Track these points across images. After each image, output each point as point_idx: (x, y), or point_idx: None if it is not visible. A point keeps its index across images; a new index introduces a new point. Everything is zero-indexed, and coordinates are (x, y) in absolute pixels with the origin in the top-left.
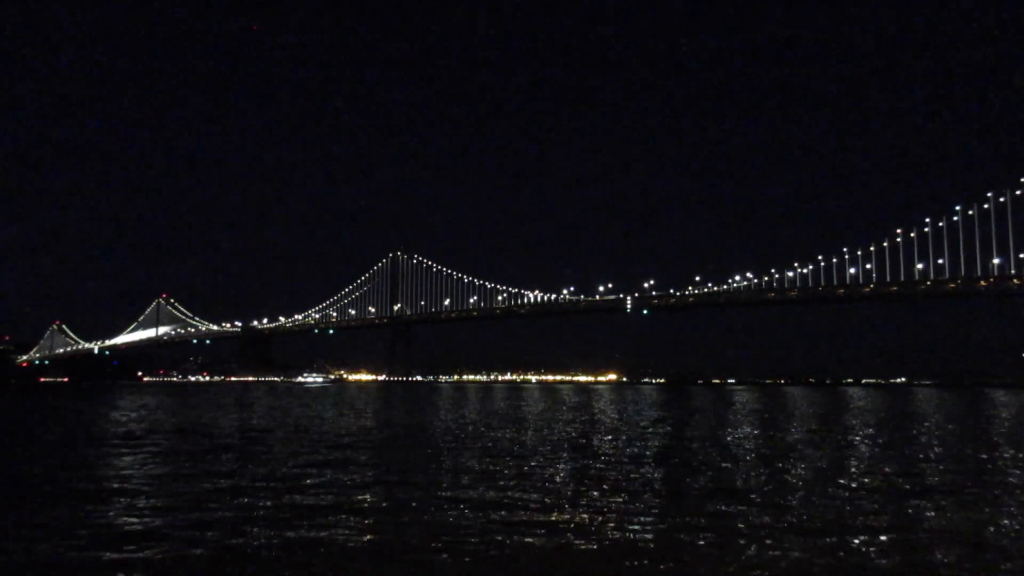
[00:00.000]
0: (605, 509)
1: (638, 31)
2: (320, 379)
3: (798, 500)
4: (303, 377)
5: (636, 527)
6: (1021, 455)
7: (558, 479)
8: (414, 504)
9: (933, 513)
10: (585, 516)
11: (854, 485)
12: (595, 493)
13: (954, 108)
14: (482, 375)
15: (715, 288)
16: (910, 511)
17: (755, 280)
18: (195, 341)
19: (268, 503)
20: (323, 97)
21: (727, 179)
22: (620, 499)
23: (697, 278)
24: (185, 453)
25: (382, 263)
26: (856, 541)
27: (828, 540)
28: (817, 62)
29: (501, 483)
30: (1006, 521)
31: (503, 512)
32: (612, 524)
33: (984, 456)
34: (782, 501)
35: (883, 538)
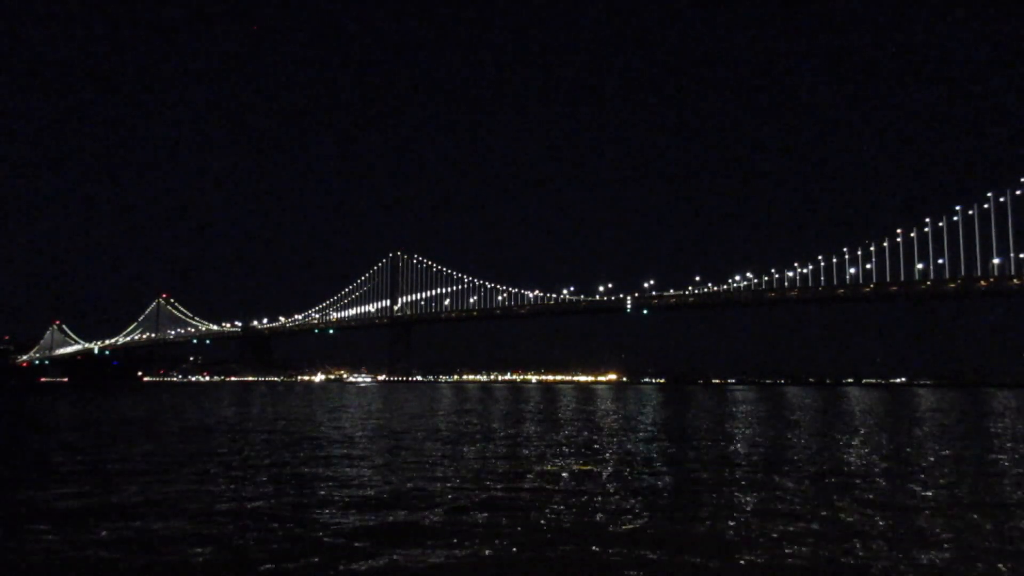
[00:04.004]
0: (603, 510)
1: (639, 33)
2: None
3: (799, 500)
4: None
5: (635, 528)
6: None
7: (555, 479)
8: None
9: (935, 513)
10: (584, 517)
11: (855, 486)
12: (592, 493)
13: (955, 108)
14: (482, 375)
15: (715, 288)
16: (912, 511)
17: (755, 280)
18: (195, 341)
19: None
20: (323, 97)
21: (727, 179)
22: (618, 500)
23: (697, 278)
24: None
25: (382, 263)
26: (858, 543)
27: (828, 541)
28: (818, 62)
29: (496, 482)
30: (1009, 523)
31: (499, 512)
32: (610, 525)
33: (987, 457)
34: (782, 502)
35: (884, 540)
